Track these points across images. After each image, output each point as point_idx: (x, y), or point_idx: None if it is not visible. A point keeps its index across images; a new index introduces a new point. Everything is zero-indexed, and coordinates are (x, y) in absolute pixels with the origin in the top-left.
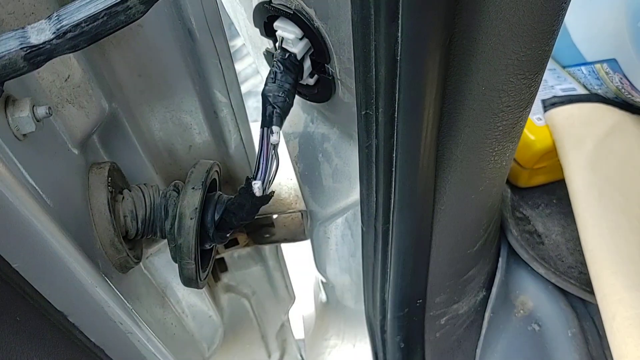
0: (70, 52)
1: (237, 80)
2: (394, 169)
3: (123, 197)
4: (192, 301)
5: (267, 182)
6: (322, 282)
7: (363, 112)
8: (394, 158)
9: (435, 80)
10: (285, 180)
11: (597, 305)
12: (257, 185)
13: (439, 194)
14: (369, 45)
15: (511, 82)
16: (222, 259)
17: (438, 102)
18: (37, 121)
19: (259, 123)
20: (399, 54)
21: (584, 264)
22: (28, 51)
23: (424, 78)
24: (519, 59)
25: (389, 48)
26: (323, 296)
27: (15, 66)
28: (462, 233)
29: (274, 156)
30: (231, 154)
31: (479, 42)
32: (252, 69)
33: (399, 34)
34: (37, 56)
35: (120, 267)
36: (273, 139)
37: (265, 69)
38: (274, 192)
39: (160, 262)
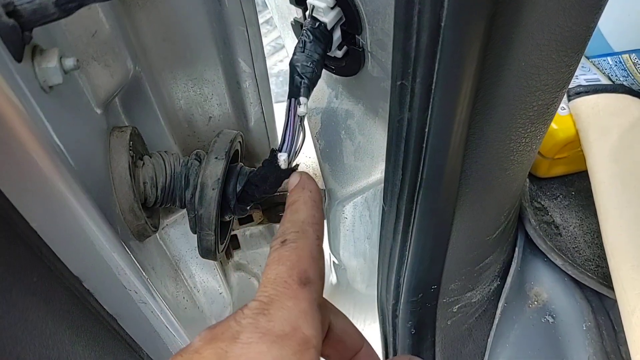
0: (102, 0)
1: (263, 50)
2: (424, 145)
3: (144, 163)
4: (204, 277)
5: (292, 155)
6: (334, 263)
7: (398, 83)
8: (426, 134)
9: (477, 51)
10: (303, 158)
11: (613, 300)
12: (282, 158)
13: (466, 174)
14: (412, 10)
15: (552, 59)
16: (235, 236)
17: (477, 76)
18: (65, 73)
19: (276, 105)
20: (443, 19)
21: (601, 257)
22: None
23: (467, 48)
24: (562, 34)
25: (433, 13)
26: (333, 278)
27: (45, 12)
28: (483, 218)
29: (300, 128)
30: (250, 128)
31: (524, 14)
32: (267, 50)
33: None
34: (68, 2)
35: (138, 235)
36: (300, 110)
37: (291, 41)
38: (298, 165)
39: (176, 234)
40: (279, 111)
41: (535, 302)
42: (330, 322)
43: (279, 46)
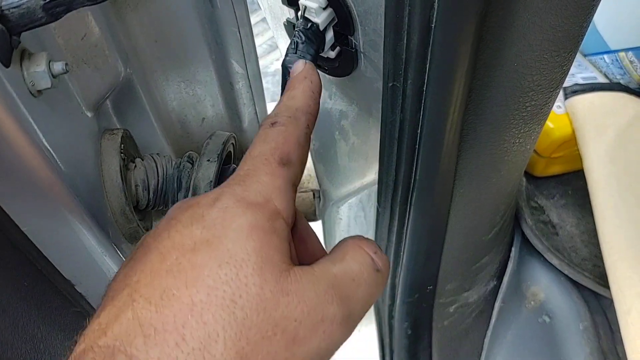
0: (90, 5)
1: (255, 51)
2: (417, 146)
3: (135, 166)
4: None
5: None
6: None
7: (390, 84)
8: (419, 135)
9: (468, 52)
10: None
11: (609, 299)
12: None
13: (460, 175)
14: (402, 11)
15: (545, 59)
16: None
17: (469, 77)
18: (53, 77)
19: (269, 104)
20: (433, 21)
21: (598, 256)
22: (47, 1)
23: (458, 49)
24: (555, 35)
25: (423, 14)
26: None
27: (33, 16)
28: (478, 218)
29: None
30: (244, 129)
31: (515, 14)
32: (262, 49)
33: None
34: (56, 7)
35: (130, 238)
36: None
37: (284, 41)
38: None
39: None
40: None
41: (532, 302)
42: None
43: (275, 45)
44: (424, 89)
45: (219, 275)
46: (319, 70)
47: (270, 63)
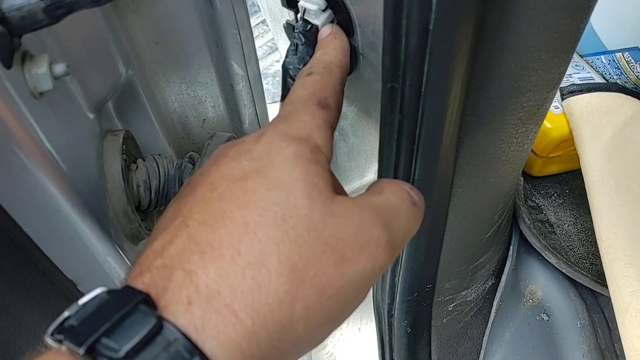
0: (91, 7)
1: (256, 52)
2: (415, 147)
3: (137, 167)
4: None
5: None
6: None
7: (388, 86)
8: (417, 135)
9: (466, 53)
10: None
11: (607, 297)
12: None
13: (458, 175)
14: (400, 13)
15: (542, 60)
16: None
17: (466, 77)
18: (55, 79)
19: (270, 105)
20: (431, 22)
21: (595, 255)
22: (48, 3)
23: (455, 50)
24: (552, 35)
25: (421, 16)
26: None
27: (34, 18)
28: (476, 218)
29: None
30: (245, 130)
31: (513, 15)
32: (263, 51)
33: (433, 1)
34: (57, 9)
35: (132, 238)
36: None
37: (284, 43)
38: None
39: None
40: (275, 111)
41: (530, 300)
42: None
43: (275, 47)
44: (422, 90)
45: (270, 198)
46: None
47: (271, 64)
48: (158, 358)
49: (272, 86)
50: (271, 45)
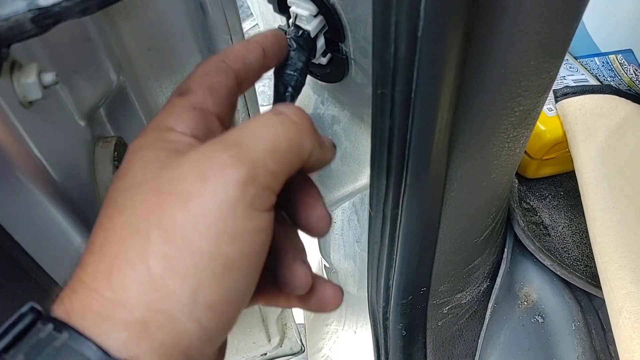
0: (80, 16)
1: None
2: (407, 152)
3: None
4: None
5: None
6: (325, 267)
7: (379, 92)
8: (408, 140)
9: (455, 59)
10: None
11: (602, 299)
12: None
13: (450, 179)
14: (389, 20)
15: (532, 65)
16: None
17: (456, 83)
18: (44, 88)
19: (265, 107)
20: (420, 29)
21: (589, 257)
22: (36, 13)
23: (445, 56)
24: (541, 40)
25: (410, 22)
26: None
27: (22, 28)
28: (470, 221)
29: None
30: None
31: (502, 21)
32: None
33: (422, 8)
34: (45, 19)
35: None
36: None
37: None
38: None
39: None
40: None
41: (525, 303)
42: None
43: None
44: (412, 96)
45: (115, 188)
46: (311, 77)
47: None
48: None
49: (267, 88)
50: None
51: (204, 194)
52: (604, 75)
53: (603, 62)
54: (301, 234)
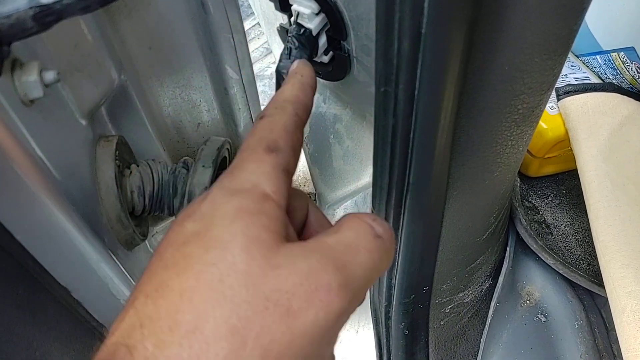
0: (81, 14)
1: (249, 56)
2: (410, 150)
3: (131, 172)
4: None
5: None
6: None
7: (382, 89)
8: (411, 139)
9: (459, 56)
10: None
11: (605, 298)
12: None
13: (453, 178)
14: (392, 17)
15: (535, 62)
16: None
17: (460, 81)
18: (45, 86)
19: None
20: (423, 26)
21: (592, 255)
22: (37, 11)
23: (448, 54)
24: (545, 38)
25: (413, 20)
26: None
27: (23, 26)
28: (472, 220)
29: None
30: (240, 133)
31: (506, 18)
32: (259, 53)
33: (425, 5)
34: (46, 16)
35: (126, 244)
36: None
37: (278, 46)
38: None
39: None
40: None
41: (527, 301)
42: (309, 216)
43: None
44: (416, 93)
45: (207, 259)
46: None
47: (267, 66)
48: None
49: (268, 88)
50: (267, 47)
51: (307, 316)
52: (606, 73)
53: (605, 60)
54: None
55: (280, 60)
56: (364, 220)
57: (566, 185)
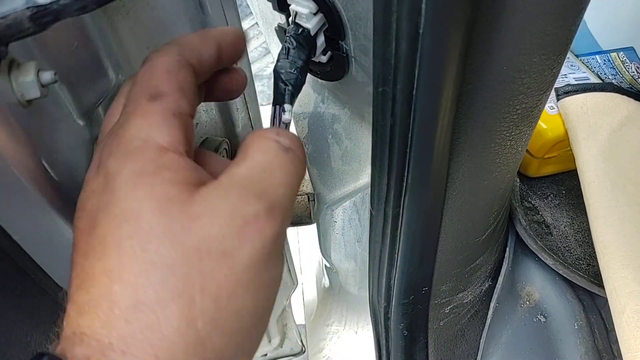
0: (78, 14)
1: (248, 56)
2: (408, 151)
3: None
4: None
5: None
6: (325, 266)
7: (380, 90)
8: (410, 139)
9: (457, 57)
10: None
11: (605, 298)
12: None
13: (452, 178)
14: (390, 17)
15: (534, 62)
16: None
17: (458, 81)
18: (43, 87)
19: (264, 107)
20: (421, 26)
21: (592, 256)
22: (34, 11)
23: (446, 54)
24: (544, 38)
25: (411, 20)
26: (326, 281)
27: (20, 26)
28: (472, 220)
29: None
30: (238, 134)
31: (504, 18)
32: (258, 52)
33: (423, 5)
34: (43, 16)
35: None
36: (285, 117)
37: (275, 47)
38: None
39: None
40: (269, 113)
41: (527, 302)
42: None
43: None
44: (414, 94)
45: (121, 234)
46: (311, 75)
47: (266, 66)
48: None
49: (267, 88)
50: (265, 47)
51: (243, 252)
52: (605, 73)
53: (604, 60)
54: (304, 232)
55: (278, 60)
56: (268, 138)
57: (566, 185)
